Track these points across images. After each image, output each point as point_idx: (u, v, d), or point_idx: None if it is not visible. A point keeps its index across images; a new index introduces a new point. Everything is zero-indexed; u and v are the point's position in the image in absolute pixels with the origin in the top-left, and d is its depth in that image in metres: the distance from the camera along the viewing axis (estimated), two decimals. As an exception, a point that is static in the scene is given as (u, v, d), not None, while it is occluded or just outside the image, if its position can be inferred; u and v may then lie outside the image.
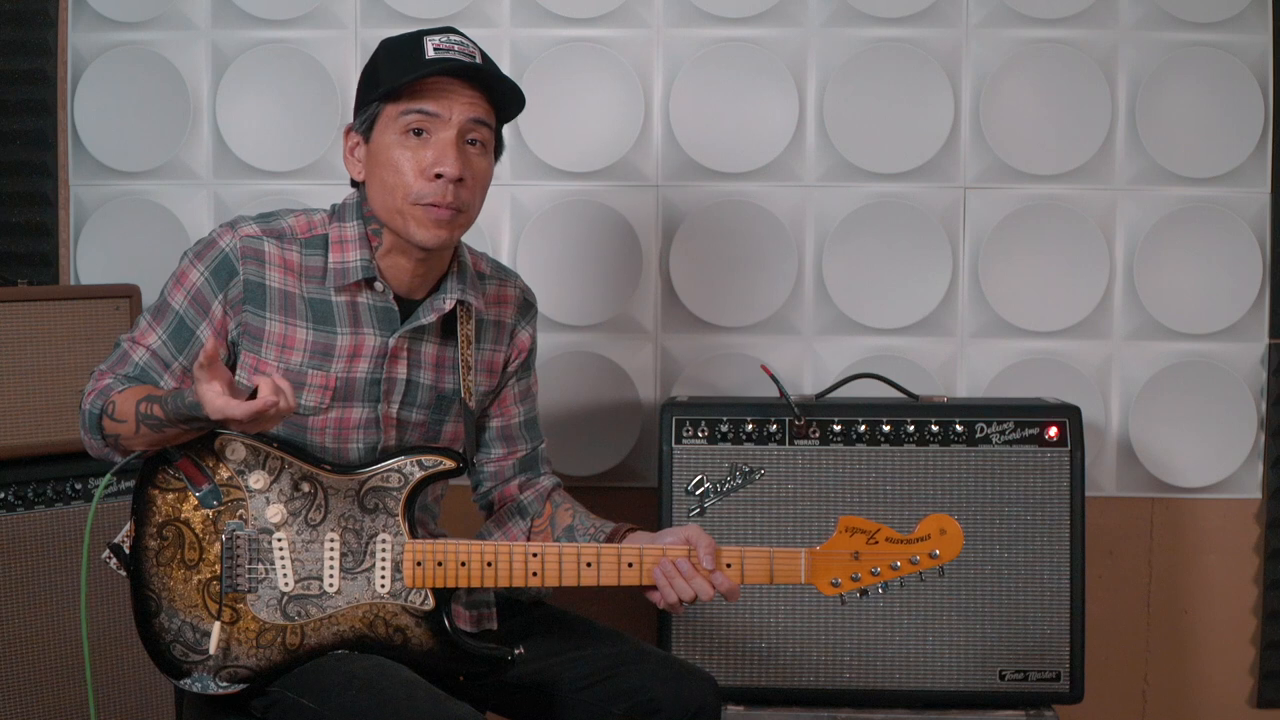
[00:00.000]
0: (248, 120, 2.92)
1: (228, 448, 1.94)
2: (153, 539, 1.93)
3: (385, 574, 1.96)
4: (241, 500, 1.94)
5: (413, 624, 1.96)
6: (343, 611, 1.95)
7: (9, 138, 2.95)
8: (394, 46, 2.01)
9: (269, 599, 1.93)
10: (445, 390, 2.10)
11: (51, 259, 2.97)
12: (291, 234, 2.02)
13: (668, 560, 1.96)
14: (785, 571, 1.98)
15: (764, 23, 2.87)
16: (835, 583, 1.97)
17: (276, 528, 1.95)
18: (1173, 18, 2.83)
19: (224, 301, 1.98)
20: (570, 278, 2.92)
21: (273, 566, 1.94)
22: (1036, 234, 2.87)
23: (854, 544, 1.97)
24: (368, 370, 2.03)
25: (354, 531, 1.96)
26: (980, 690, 2.57)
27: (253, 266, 1.98)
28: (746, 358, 2.90)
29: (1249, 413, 2.86)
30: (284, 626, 1.94)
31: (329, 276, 2.01)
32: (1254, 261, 2.85)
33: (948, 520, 1.98)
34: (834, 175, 2.89)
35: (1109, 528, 2.90)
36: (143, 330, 2.00)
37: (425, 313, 2.04)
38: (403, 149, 1.96)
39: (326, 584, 1.95)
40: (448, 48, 1.97)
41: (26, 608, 2.51)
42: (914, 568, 1.97)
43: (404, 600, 1.96)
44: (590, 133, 2.90)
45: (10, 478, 2.51)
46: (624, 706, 2.04)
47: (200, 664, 1.92)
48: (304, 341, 2.00)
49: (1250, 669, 2.92)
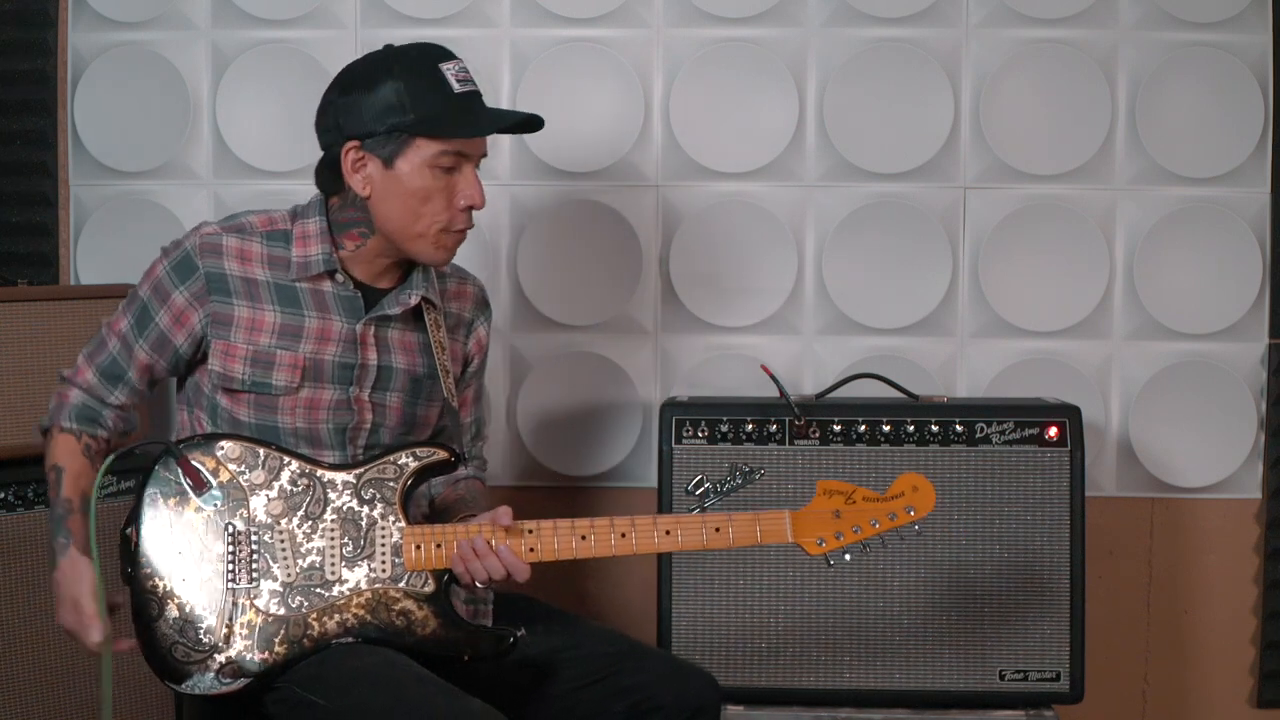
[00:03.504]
0: (248, 120, 2.92)
1: (226, 450, 2.00)
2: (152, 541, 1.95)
3: (385, 560, 2.00)
4: (242, 499, 1.99)
5: (415, 607, 1.99)
6: (345, 599, 1.98)
7: (9, 138, 2.95)
8: (414, 74, 2.04)
9: (271, 591, 1.96)
10: (419, 373, 2.16)
11: (51, 259, 2.97)
12: (252, 228, 2.11)
13: (464, 541, 2.00)
14: (771, 532, 2.05)
15: (764, 23, 2.87)
16: (820, 542, 2.06)
17: (276, 522, 1.98)
18: (1173, 18, 2.83)
19: (186, 294, 2.07)
20: (570, 278, 2.92)
21: (274, 560, 1.97)
22: (1036, 234, 2.87)
23: (833, 504, 2.06)
24: (337, 354, 2.09)
25: (353, 522, 2.00)
26: (980, 690, 2.57)
27: (211, 260, 2.07)
28: (746, 358, 2.90)
29: (1249, 413, 2.87)
30: (287, 618, 1.96)
31: (292, 268, 2.09)
32: (1254, 261, 2.85)
33: (919, 478, 2.08)
34: (834, 175, 2.89)
35: (1109, 528, 2.90)
36: (117, 317, 2.14)
37: (390, 305, 2.12)
38: (434, 181, 2.05)
39: (328, 573, 1.98)
40: (465, 77, 2.07)
41: (26, 608, 2.51)
42: (892, 524, 2.07)
43: (405, 584, 1.99)
44: (590, 133, 2.90)
45: (10, 478, 2.51)
46: (624, 705, 2.05)
47: (201, 663, 1.92)
48: (272, 323, 2.07)
49: (1250, 669, 2.92)
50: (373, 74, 2.04)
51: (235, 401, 2.08)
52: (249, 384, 2.06)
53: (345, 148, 2.05)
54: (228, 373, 2.07)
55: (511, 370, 2.94)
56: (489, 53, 2.90)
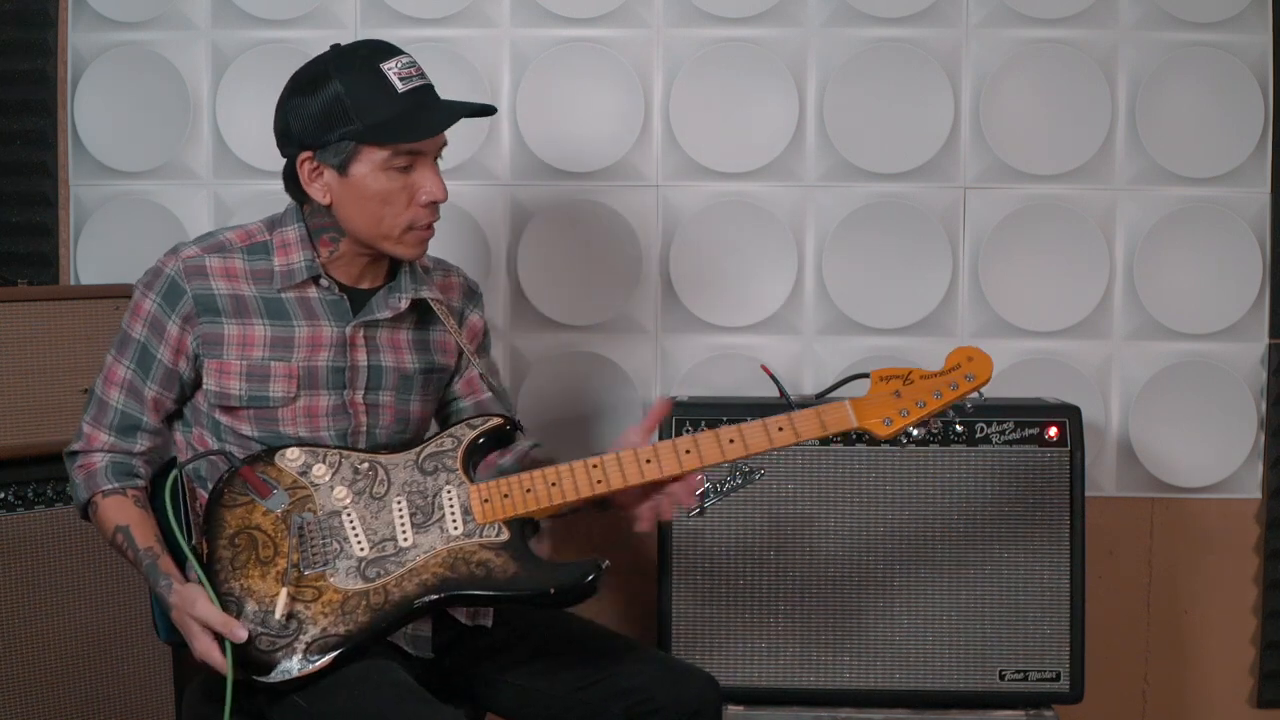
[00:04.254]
0: (248, 120, 2.92)
1: (286, 457, 2.04)
2: (225, 549, 1.98)
3: (456, 518, 2.01)
4: (308, 496, 2.02)
5: (493, 556, 1.99)
6: (422, 562, 1.99)
7: (9, 138, 2.95)
8: (356, 77, 2.01)
9: (347, 569, 1.97)
10: (408, 370, 2.17)
11: (51, 259, 2.97)
12: (231, 245, 2.11)
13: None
14: (835, 420, 2.02)
15: (764, 23, 2.87)
16: (887, 421, 2.01)
17: (345, 507, 2.01)
18: (1173, 18, 2.83)
19: (179, 321, 2.07)
20: (570, 278, 2.92)
21: (346, 540, 1.99)
22: (1036, 234, 2.87)
23: (892, 386, 2.03)
24: (329, 359, 2.10)
25: (419, 493, 2.03)
26: (980, 690, 2.58)
27: (198, 282, 2.07)
28: (746, 358, 2.90)
29: (1249, 413, 2.87)
30: (366, 590, 1.97)
31: (275, 278, 2.09)
32: (1254, 261, 2.85)
33: (972, 349, 2.04)
34: (834, 175, 2.89)
35: (1109, 528, 2.90)
36: (110, 368, 2.10)
37: (379, 307, 2.13)
38: (391, 182, 2.04)
39: (401, 541, 1.99)
40: (409, 74, 2.03)
41: (26, 608, 2.51)
42: (955, 394, 2.01)
43: (479, 537, 2.00)
44: (590, 133, 2.90)
45: (10, 478, 2.51)
46: (623, 706, 2.05)
47: (286, 648, 1.92)
48: (262, 337, 2.07)
49: (1250, 669, 2.93)
50: (315, 78, 2.04)
51: (236, 418, 2.08)
52: (246, 399, 2.06)
53: (300, 159, 2.06)
54: (224, 390, 2.06)
55: (511, 370, 2.94)
56: (489, 53, 2.90)
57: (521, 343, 2.94)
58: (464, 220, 2.91)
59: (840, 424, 2.02)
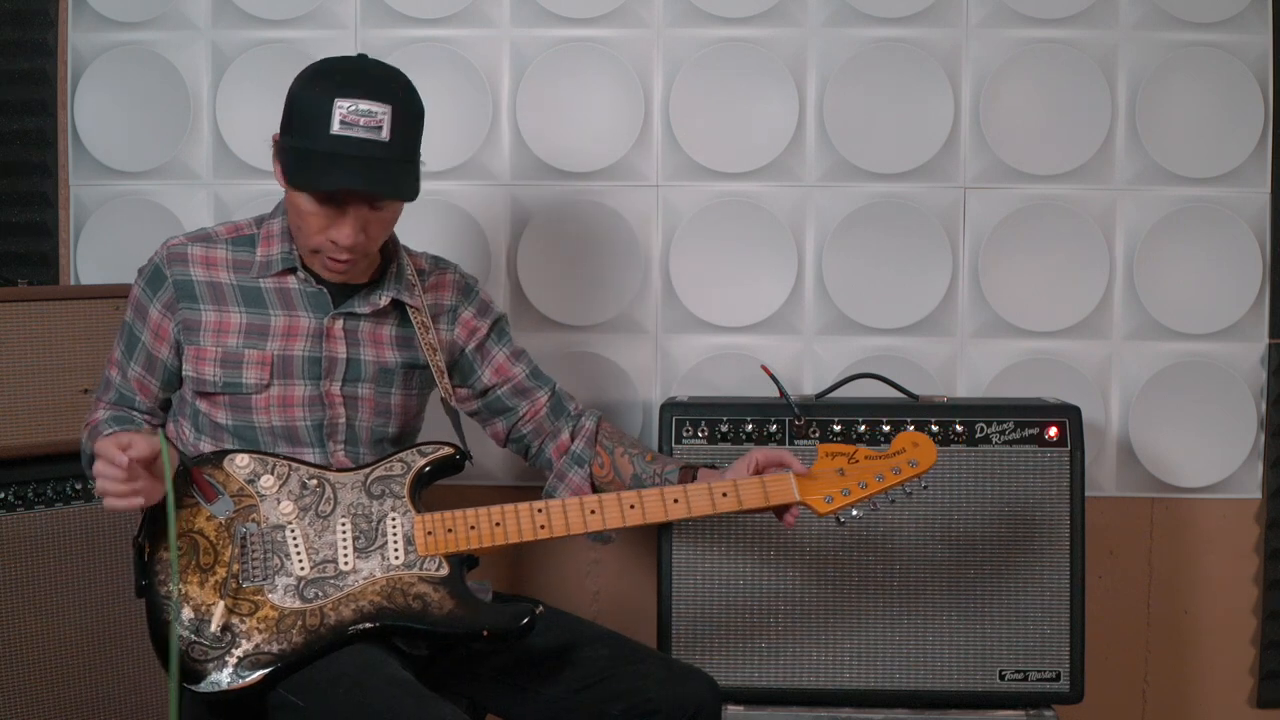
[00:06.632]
0: (248, 120, 2.92)
1: (235, 462, 2.04)
2: (166, 550, 1.97)
3: (398, 547, 2.02)
4: (253, 505, 2.02)
5: (430, 590, 2.00)
6: (360, 588, 1.99)
7: (9, 138, 2.95)
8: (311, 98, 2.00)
9: (286, 586, 1.98)
10: (389, 365, 2.18)
11: (51, 259, 2.97)
12: (217, 236, 2.17)
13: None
14: (778, 492, 2.08)
15: (764, 23, 2.87)
16: (828, 499, 2.08)
17: (288, 522, 2.01)
18: (1173, 18, 2.83)
19: (159, 307, 2.12)
20: (570, 278, 2.92)
21: (288, 557, 2.00)
22: (1036, 234, 2.87)
23: (836, 464, 2.10)
24: (305, 349, 2.12)
25: (364, 517, 2.03)
26: (980, 690, 2.58)
27: (178, 268, 2.12)
28: (746, 358, 2.90)
29: (1249, 413, 2.87)
30: (303, 610, 1.97)
31: (255, 267, 2.13)
32: (1254, 261, 2.85)
33: (917, 435, 2.12)
34: (834, 175, 2.89)
35: (1109, 528, 2.90)
36: (113, 350, 2.21)
37: (360, 304, 2.15)
38: (309, 205, 2.03)
39: (342, 564, 2.00)
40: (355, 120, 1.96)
41: (26, 608, 2.51)
42: (897, 478, 2.09)
43: (419, 569, 2.01)
44: (590, 133, 2.90)
45: (10, 478, 2.51)
46: (622, 707, 2.05)
47: (218, 659, 1.93)
48: (238, 324, 2.11)
49: (1250, 669, 2.92)
50: (306, 75, 2.06)
51: (212, 405, 2.11)
52: (221, 385, 2.10)
53: (274, 135, 2.08)
54: (200, 376, 2.10)
55: (511, 370, 2.94)
56: (489, 53, 2.90)
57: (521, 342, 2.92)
58: (464, 220, 2.91)
59: (783, 496, 2.08)
